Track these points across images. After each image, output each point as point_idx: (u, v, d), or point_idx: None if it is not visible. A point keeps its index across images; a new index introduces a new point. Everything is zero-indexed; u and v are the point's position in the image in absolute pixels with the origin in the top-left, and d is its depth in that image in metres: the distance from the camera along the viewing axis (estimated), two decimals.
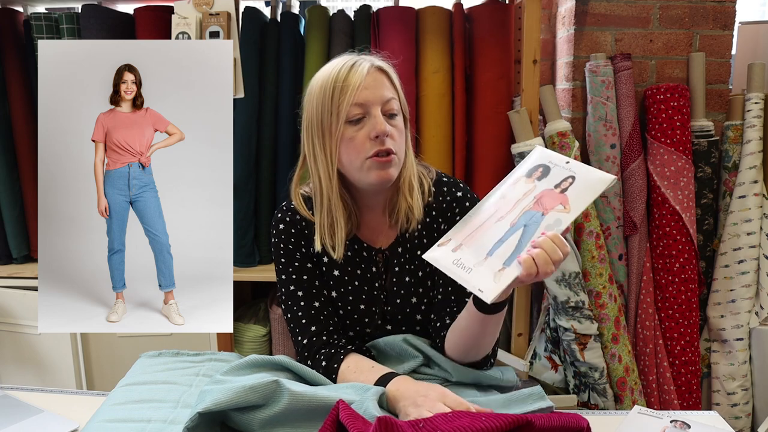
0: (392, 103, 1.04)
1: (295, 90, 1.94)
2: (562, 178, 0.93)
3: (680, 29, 1.95)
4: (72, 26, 1.90)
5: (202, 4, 1.69)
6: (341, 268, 1.13)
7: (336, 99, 1.01)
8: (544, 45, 2.14)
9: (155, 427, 0.88)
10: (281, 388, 0.85)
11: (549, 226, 0.89)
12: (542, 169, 0.96)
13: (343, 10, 1.95)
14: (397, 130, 1.04)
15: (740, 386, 1.92)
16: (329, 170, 1.05)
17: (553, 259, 0.85)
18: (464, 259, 0.93)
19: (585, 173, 0.93)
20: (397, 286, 1.14)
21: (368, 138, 1.01)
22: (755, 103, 1.90)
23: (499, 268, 0.89)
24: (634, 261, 1.94)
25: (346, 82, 1.01)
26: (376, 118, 1.01)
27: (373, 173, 1.03)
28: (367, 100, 1.01)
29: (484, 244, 0.93)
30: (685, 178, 1.87)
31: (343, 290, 1.13)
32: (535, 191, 0.94)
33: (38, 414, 1.05)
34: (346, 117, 1.01)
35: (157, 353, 1.13)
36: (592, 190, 0.90)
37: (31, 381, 1.97)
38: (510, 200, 0.96)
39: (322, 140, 1.04)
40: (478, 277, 0.89)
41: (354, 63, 1.04)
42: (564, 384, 1.94)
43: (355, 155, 1.02)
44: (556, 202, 0.91)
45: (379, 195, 1.11)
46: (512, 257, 0.89)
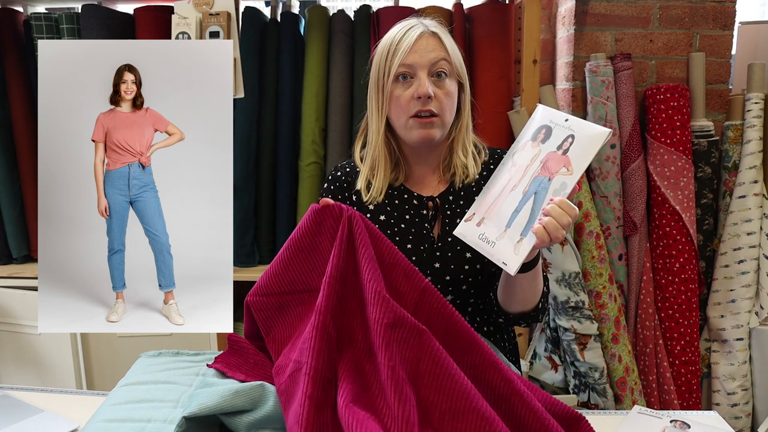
0: (440, 64, 1.10)
1: (295, 90, 1.94)
2: (563, 138, 0.96)
3: (680, 29, 1.95)
4: (72, 26, 1.90)
5: (202, 4, 1.69)
6: (388, 213, 1.18)
7: (389, 60, 1.11)
8: (544, 45, 2.14)
9: (155, 427, 0.88)
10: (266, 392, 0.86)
11: (556, 190, 0.93)
12: (545, 131, 0.99)
13: (343, 10, 1.95)
14: (444, 93, 1.10)
15: (740, 386, 1.92)
16: (379, 123, 1.15)
17: (562, 224, 0.91)
18: (487, 233, 0.97)
19: (583, 130, 0.95)
20: (449, 234, 1.16)
21: (412, 98, 1.09)
22: (755, 103, 1.89)
23: (518, 240, 0.94)
24: (634, 261, 1.94)
25: (399, 45, 1.10)
26: (421, 80, 1.08)
27: (415, 132, 1.11)
28: (415, 62, 1.09)
29: (502, 215, 0.97)
30: (685, 178, 1.87)
31: (390, 232, 1.16)
32: (540, 155, 0.97)
33: (38, 414, 1.05)
34: (394, 76, 1.10)
35: (157, 353, 1.13)
36: (591, 147, 0.93)
37: (31, 381, 1.97)
38: (520, 167, 0.99)
39: (376, 96, 1.14)
40: (501, 250, 0.95)
41: (410, 27, 1.12)
42: (564, 384, 1.94)
43: (401, 113, 1.11)
44: (560, 164, 0.94)
45: (432, 153, 1.18)
46: (527, 227, 0.93)
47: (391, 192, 1.19)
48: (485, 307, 1.19)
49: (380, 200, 1.18)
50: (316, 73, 1.92)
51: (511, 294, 1.09)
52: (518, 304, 1.10)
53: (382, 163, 1.17)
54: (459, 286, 1.15)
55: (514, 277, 1.01)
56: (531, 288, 1.07)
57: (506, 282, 1.08)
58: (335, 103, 1.93)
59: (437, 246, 1.16)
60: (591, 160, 0.93)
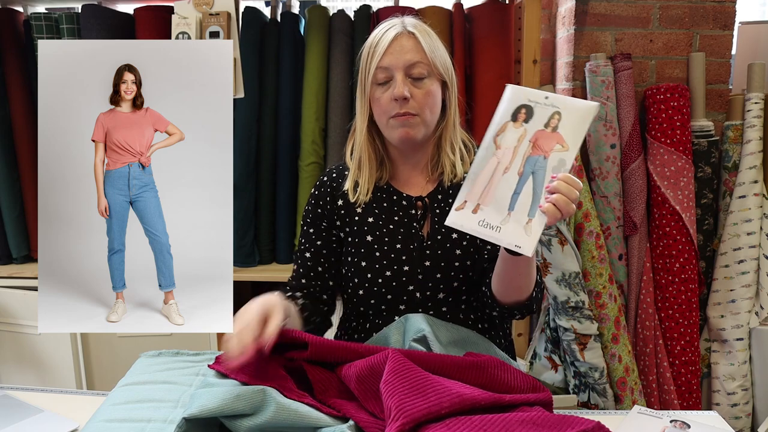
0: (417, 66, 1.10)
1: (295, 90, 1.94)
2: (548, 115, 0.95)
3: (680, 29, 1.95)
4: (72, 26, 1.90)
5: (202, 4, 1.69)
6: (376, 214, 1.18)
7: (368, 61, 1.12)
8: (544, 45, 2.14)
9: (155, 427, 0.88)
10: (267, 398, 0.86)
11: (554, 167, 0.92)
12: (525, 110, 0.97)
13: (343, 10, 1.95)
14: (423, 93, 1.10)
15: (740, 386, 1.92)
16: (362, 122, 1.17)
17: (571, 198, 0.91)
18: (488, 219, 0.95)
19: (570, 106, 0.94)
20: (438, 233, 1.17)
21: (390, 99, 1.10)
22: (755, 103, 1.89)
23: (526, 221, 0.93)
24: (634, 261, 1.94)
25: (377, 46, 1.11)
26: (397, 83, 1.09)
27: (396, 131, 1.12)
28: (390, 64, 1.10)
29: (501, 199, 0.95)
30: (685, 178, 1.87)
31: (379, 233, 1.17)
32: (528, 135, 0.96)
33: (38, 414, 1.05)
34: (373, 79, 1.11)
35: (157, 353, 1.13)
36: (582, 122, 0.93)
37: (31, 381, 1.97)
38: (507, 149, 0.97)
39: (360, 95, 1.16)
40: (510, 233, 0.93)
41: (388, 28, 1.13)
42: (564, 384, 1.94)
43: (382, 114, 1.12)
44: (552, 142, 0.94)
45: (418, 152, 1.19)
46: (534, 207, 0.93)
47: (378, 194, 1.19)
48: (478, 304, 1.19)
49: (367, 200, 1.18)
50: (316, 73, 1.92)
51: (506, 282, 1.08)
52: (514, 293, 1.09)
53: (366, 162, 1.18)
54: (450, 283, 1.15)
55: (511, 264, 1.02)
56: (527, 274, 1.06)
57: (503, 270, 1.06)
58: (335, 103, 1.93)
59: (427, 245, 1.16)
60: (585, 134, 0.93)
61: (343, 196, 1.21)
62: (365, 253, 1.17)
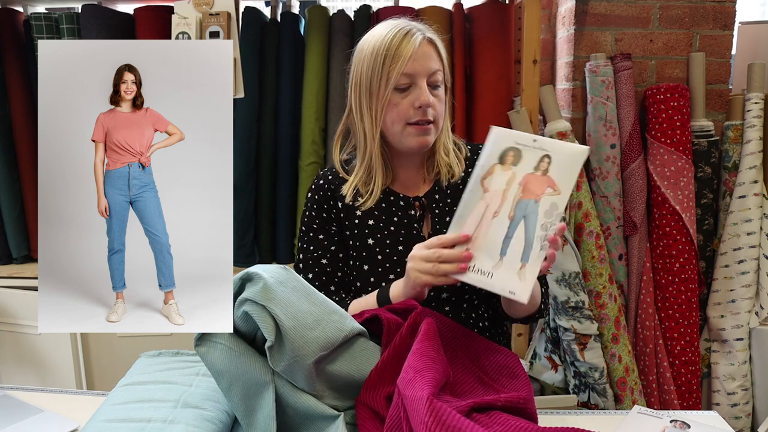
0: (437, 75, 1.11)
1: (295, 90, 1.94)
2: (537, 159, 0.94)
3: (680, 29, 1.95)
4: (72, 26, 1.90)
5: (202, 4, 1.69)
6: (376, 217, 1.17)
7: (387, 66, 1.08)
8: (544, 45, 2.14)
9: (155, 427, 0.88)
10: None
11: (546, 211, 0.91)
12: (513, 153, 0.96)
13: (343, 10, 1.95)
14: (439, 100, 1.12)
15: (740, 386, 1.92)
16: (373, 130, 1.13)
17: None
18: (479, 265, 0.94)
19: (559, 149, 0.93)
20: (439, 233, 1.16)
21: (412, 106, 1.09)
22: (755, 103, 1.90)
23: (519, 266, 0.91)
24: (634, 261, 1.94)
25: (398, 51, 1.07)
26: (422, 90, 1.08)
27: (412, 139, 1.11)
28: (416, 71, 1.08)
29: (492, 244, 0.93)
30: (685, 178, 1.87)
31: (380, 236, 1.16)
32: (517, 178, 0.94)
33: (38, 414, 1.05)
34: (394, 85, 1.08)
35: (157, 353, 1.13)
36: (573, 165, 0.92)
37: (31, 381, 1.97)
38: (496, 192, 0.95)
39: (369, 101, 1.12)
40: (503, 279, 0.92)
41: (408, 32, 1.10)
42: (564, 384, 1.94)
43: (398, 120, 1.10)
44: (543, 185, 0.92)
45: (416, 156, 1.18)
46: (527, 251, 0.91)
47: (378, 196, 1.19)
48: (479, 302, 1.19)
49: (372, 205, 1.18)
50: (316, 73, 1.92)
51: (513, 309, 1.11)
52: (522, 311, 1.12)
53: (379, 169, 1.16)
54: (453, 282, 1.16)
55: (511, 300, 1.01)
56: (534, 295, 1.08)
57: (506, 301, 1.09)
58: (335, 103, 1.93)
59: None
60: (576, 178, 0.92)
61: (341, 200, 1.19)
62: (367, 257, 1.17)
